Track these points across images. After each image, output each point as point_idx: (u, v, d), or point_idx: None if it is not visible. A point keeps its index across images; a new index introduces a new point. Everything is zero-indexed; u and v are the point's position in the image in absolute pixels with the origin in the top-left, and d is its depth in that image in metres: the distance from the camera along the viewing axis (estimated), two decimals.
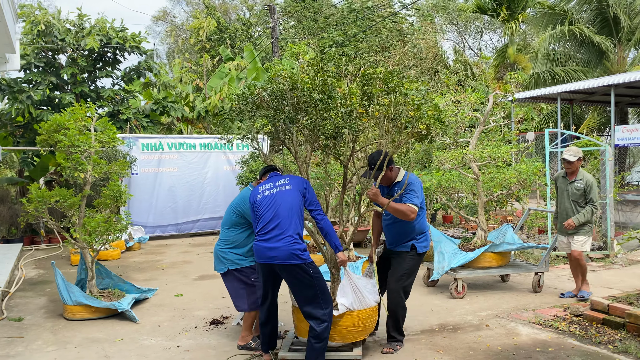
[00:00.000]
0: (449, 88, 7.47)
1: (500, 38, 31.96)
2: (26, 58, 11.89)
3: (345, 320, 4.23)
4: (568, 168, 6.13)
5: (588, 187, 6.03)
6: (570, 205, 6.14)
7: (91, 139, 5.86)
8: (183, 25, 30.53)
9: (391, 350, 4.56)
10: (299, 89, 4.10)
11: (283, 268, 4.05)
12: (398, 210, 4.37)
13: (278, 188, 4.23)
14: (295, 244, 4.02)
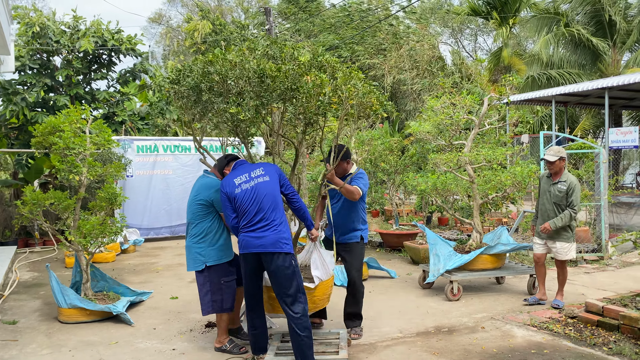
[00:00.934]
0: (444, 90, 7.49)
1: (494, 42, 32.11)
2: (21, 60, 11.85)
3: (318, 291, 4.57)
4: (550, 168, 5.89)
5: (570, 190, 5.75)
6: (551, 206, 5.88)
7: (86, 141, 5.84)
8: (178, 28, 30.49)
9: (358, 336, 5.03)
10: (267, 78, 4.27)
11: (269, 256, 4.11)
12: (349, 190, 4.90)
13: (256, 180, 4.28)
14: (281, 232, 4.15)
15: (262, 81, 4.27)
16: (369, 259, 7.45)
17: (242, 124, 4.72)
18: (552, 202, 5.87)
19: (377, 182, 10.03)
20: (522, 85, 18.43)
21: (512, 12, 20.62)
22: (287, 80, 4.22)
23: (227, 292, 4.67)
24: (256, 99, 4.32)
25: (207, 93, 4.49)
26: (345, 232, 5.17)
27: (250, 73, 4.27)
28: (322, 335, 4.70)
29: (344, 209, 5.15)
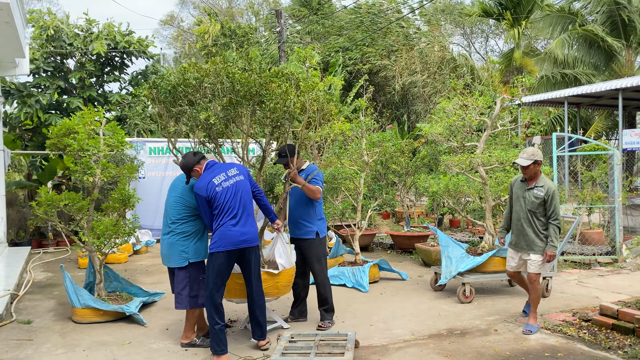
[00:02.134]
0: (455, 92, 7.46)
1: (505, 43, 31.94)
2: (35, 62, 11.99)
3: (281, 278, 5.03)
4: (524, 173, 5.28)
5: (549, 197, 5.11)
6: (525, 215, 5.23)
7: (100, 143, 5.90)
8: (189, 30, 30.67)
9: (324, 327, 5.28)
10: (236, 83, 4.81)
11: (252, 250, 4.60)
12: (311, 189, 5.24)
13: (234, 178, 4.63)
14: (256, 227, 4.69)
15: (233, 86, 4.80)
16: (380, 261, 7.44)
17: (213, 127, 5.12)
18: (526, 210, 5.23)
19: (387, 183, 10.00)
20: (536, 85, 18.30)
21: (525, 13, 20.50)
22: (254, 86, 4.76)
23: (203, 288, 4.82)
24: (227, 101, 4.84)
25: (182, 99, 4.98)
26: (301, 228, 5.41)
27: (223, 78, 4.80)
28: (329, 337, 4.70)
29: (300, 206, 5.41)
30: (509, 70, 21.28)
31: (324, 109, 5.20)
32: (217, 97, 4.90)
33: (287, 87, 4.86)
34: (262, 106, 4.93)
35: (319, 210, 5.49)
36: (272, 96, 4.81)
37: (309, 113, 5.04)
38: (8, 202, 10.69)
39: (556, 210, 5.11)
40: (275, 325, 5.28)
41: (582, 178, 10.30)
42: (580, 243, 9.17)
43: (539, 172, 5.29)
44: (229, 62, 5.04)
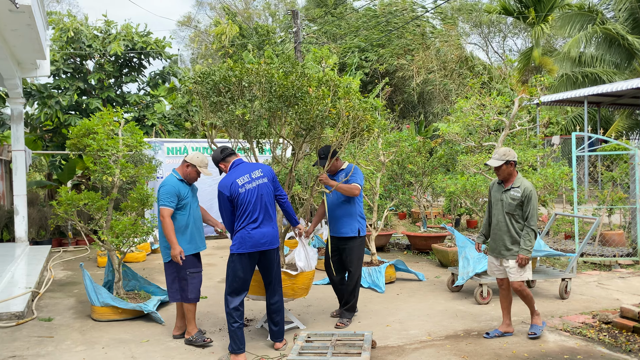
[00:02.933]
0: (473, 91, 7.41)
1: (524, 41, 31.61)
2: (55, 64, 12.17)
3: (298, 279, 5.07)
4: (497, 175, 5.02)
5: (525, 198, 4.84)
6: (504, 219, 4.94)
7: (119, 143, 5.97)
8: (206, 31, 30.88)
9: (343, 325, 5.33)
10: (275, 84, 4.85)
11: (272, 252, 4.63)
12: (344, 188, 5.31)
13: (257, 181, 4.62)
14: (277, 229, 4.73)
15: (272, 86, 4.82)
16: (397, 261, 7.42)
17: (247, 124, 5.15)
18: (504, 213, 4.96)
19: (404, 183, 9.96)
20: (555, 84, 18.09)
21: (545, 11, 20.25)
22: (292, 88, 4.78)
23: (191, 283, 4.93)
24: (265, 102, 4.87)
25: (224, 95, 5.01)
26: (343, 226, 5.47)
27: (263, 79, 4.83)
28: (346, 337, 4.70)
29: (340, 205, 5.48)
30: (528, 69, 21.06)
31: (360, 117, 5.18)
32: (255, 95, 4.95)
33: (323, 91, 4.89)
34: (296, 108, 4.94)
35: (360, 208, 5.53)
36: (308, 99, 4.84)
37: (342, 119, 5.07)
38: (29, 202, 10.88)
39: (532, 212, 4.83)
40: (291, 325, 5.29)
41: (602, 178, 10.15)
42: (601, 244, 9.03)
43: (514, 172, 4.98)
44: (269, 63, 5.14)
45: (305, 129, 5.14)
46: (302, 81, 4.91)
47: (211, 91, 5.10)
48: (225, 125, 5.26)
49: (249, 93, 5.02)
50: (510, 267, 4.93)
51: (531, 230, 4.83)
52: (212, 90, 5.09)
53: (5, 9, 6.37)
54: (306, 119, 4.97)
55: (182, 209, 4.97)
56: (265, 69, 4.91)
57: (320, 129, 5.20)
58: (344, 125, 5.17)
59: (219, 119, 5.21)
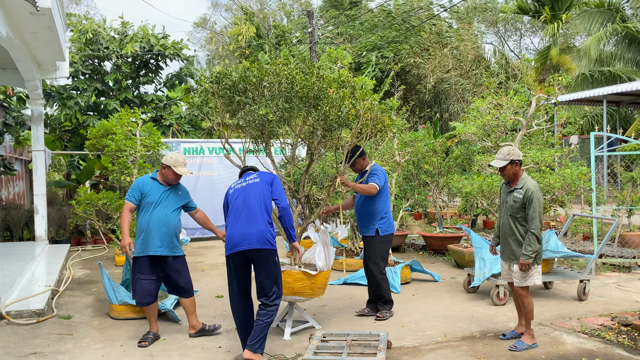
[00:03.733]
0: (489, 91, 7.36)
1: (541, 40, 31.27)
2: (74, 66, 12.35)
3: (317, 279, 5.06)
4: (502, 175, 4.87)
5: (527, 199, 4.63)
6: (509, 221, 4.79)
7: (137, 143, 6.04)
8: (222, 32, 31.06)
9: (382, 316, 5.55)
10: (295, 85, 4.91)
11: (255, 253, 4.32)
12: (362, 188, 5.48)
13: (248, 182, 4.58)
14: (265, 229, 4.35)
15: (292, 87, 4.86)
16: (412, 262, 7.39)
17: (268, 124, 5.20)
18: (508, 216, 4.80)
19: (419, 184, 9.93)
20: (573, 84, 17.87)
21: (563, 9, 20.01)
22: (313, 89, 4.84)
23: (137, 287, 4.97)
24: (285, 102, 4.91)
25: (242, 95, 5.06)
26: (363, 226, 5.72)
27: (283, 79, 4.86)
28: (362, 337, 4.70)
29: (361, 204, 5.70)
30: (545, 68, 20.83)
31: (377, 119, 5.28)
32: (275, 96, 4.98)
33: (344, 93, 4.95)
34: (317, 109, 4.98)
35: (381, 208, 5.66)
36: (328, 100, 4.90)
37: (362, 120, 5.13)
38: (48, 201, 11.04)
39: (534, 214, 4.59)
40: (307, 325, 5.31)
41: (621, 179, 10.01)
42: (620, 245, 8.91)
43: (520, 172, 4.78)
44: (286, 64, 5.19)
45: (327, 129, 5.16)
46: (323, 82, 4.95)
47: (229, 91, 5.13)
48: (247, 126, 5.26)
49: (269, 93, 5.03)
50: (515, 271, 4.77)
51: (532, 234, 4.60)
52: (230, 90, 5.13)
53: (26, 11, 6.47)
54: (329, 120, 5.00)
55: (143, 209, 4.96)
56: (285, 70, 4.96)
57: (340, 130, 5.25)
58: (364, 126, 5.23)
59: (239, 119, 5.22)
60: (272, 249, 4.37)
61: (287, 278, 4.93)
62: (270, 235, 4.39)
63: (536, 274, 4.73)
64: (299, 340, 4.98)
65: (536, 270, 4.72)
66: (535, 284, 4.74)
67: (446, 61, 19.83)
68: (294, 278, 4.97)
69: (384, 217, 5.67)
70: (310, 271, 5.02)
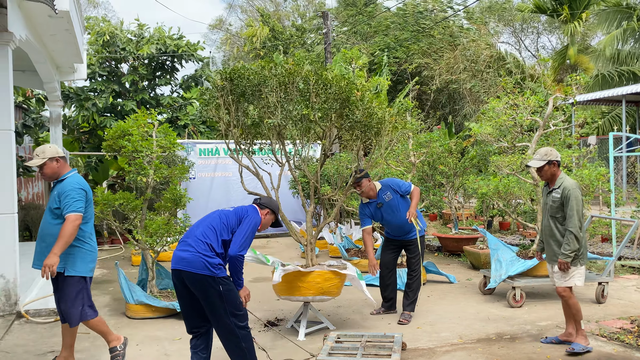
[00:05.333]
0: (506, 91, 7.29)
1: (558, 39, 30.91)
2: (91, 67, 12.51)
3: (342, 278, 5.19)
4: (540, 176, 4.85)
5: (565, 199, 4.56)
6: (547, 222, 4.77)
7: (153, 144, 6.09)
8: (238, 34, 31.22)
9: (406, 321, 5.53)
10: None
11: (191, 277, 3.74)
12: (416, 201, 5.62)
13: (232, 208, 4.16)
14: (207, 255, 3.75)
15: (326, 87, 4.83)
16: (428, 263, 7.35)
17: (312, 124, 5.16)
18: (549, 217, 4.77)
19: (435, 185, 9.87)
20: (591, 83, 17.64)
21: (581, 8, 19.76)
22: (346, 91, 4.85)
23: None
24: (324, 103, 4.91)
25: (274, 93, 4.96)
26: (408, 232, 5.76)
27: (313, 80, 4.82)
28: (376, 338, 4.68)
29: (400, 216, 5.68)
30: (563, 68, 20.58)
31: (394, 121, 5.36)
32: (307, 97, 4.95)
33: (371, 97, 5.02)
34: (353, 110, 5.00)
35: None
36: (358, 104, 4.96)
37: (386, 124, 5.17)
38: None
39: (572, 212, 4.51)
40: (321, 326, 5.30)
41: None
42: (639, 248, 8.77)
43: (558, 173, 4.72)
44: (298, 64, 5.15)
45: (362, 130, 5.19)
46: (352, 86, 4.98)
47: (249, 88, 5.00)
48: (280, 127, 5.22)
49: (298, 93, 4.98)
50: (555, 272, 4.74)
51: (570, 232, 4.53)
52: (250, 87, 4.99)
53: (45, 14, 6.57)
54: (363, 122, 5.02)
55: None
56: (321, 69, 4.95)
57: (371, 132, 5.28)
58: (392, 128, 5.30)
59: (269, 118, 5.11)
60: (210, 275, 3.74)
61: (318, 278, 5.02)
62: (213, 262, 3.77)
63: (577, 274, 4.64)
64: (313, 340, 4.98)
65: (578, 271, 4.64)
66: (575, 285, 4.65)
67: (457, 62, 19.69)
68: (324, 278, 5.05)
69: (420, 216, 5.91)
70: (340, 270, 5.11)
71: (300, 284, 5.00)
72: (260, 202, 4.32)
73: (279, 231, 12.63)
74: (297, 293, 5.06)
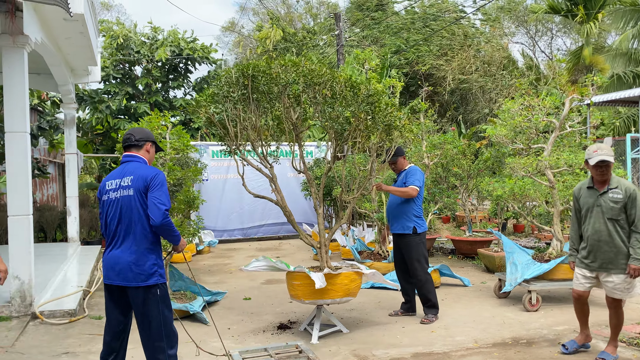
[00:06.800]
0: (521, 92, 7.20)
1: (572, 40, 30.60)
2: (105, 70, 12.60)
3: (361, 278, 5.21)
4: (602, 174, 4.34)
5: (630, 200, 4.23)
6: (605, 227, 4.30)
7: (166, 146, 6.10)
8: (250, 36, 31.31)
9: (428, 321, 5.52)
10: None
11: (128, 290, 3.53)
12: (402, 191, 5.61)
13: (121, 192, 3.55)
14: (140, 261, 3.49)
15: (353, 89, 4.91)
16: (441, 266, 7.28)
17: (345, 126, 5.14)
18: (605, 220, 4.31)
19: (448, 186, 9.79)
20: (607, 83, 17.42)
21: (597, 8, 19.53)
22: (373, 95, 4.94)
23: None
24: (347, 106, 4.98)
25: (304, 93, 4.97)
26: (398, 225, 5.74)
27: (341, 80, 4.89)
28: (282, 349, 4.64)
29: (397, 205, 5.75)
30: (577, 68, 20.35)
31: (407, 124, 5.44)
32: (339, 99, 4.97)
33: (387, 102, 5.06)
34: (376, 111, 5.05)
35: (417, 207, 5.73)
36: (380, 107, 5.02)
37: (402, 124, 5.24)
38: (80, 203, 11.27)
39: (638, 214, 4.21)
40: (334, 329, 5.27)
41: None
42: None
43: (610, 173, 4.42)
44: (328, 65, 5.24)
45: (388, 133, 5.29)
46: (377, 88, 5.03)
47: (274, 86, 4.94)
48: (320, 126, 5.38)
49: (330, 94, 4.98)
50: (616, 283, 4.29)
51: (638, 234, 4.19)
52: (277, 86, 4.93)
53: (60, 17, 6.62)
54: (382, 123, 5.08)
55: None
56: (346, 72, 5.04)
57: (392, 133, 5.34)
58: (406, 130, 5.35)
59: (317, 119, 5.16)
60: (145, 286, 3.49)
61: (345, 280, 5.04)
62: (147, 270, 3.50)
63: (638, 283, 4.31)
64: (326, 344, 4.94)
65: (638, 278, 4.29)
66: (638, 294, 4.33)
67: (469, 62, 19.55)
68: (351, 279, 5.09)
69: (419, 215, 5.74)
70: (363, 269, 5.15)
71: (329, 287, 4.97)
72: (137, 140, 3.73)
73: (290, 233, 12.64)
74: (326, 296, 5.01)
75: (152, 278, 3.52)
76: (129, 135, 3.74)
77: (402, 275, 5.91)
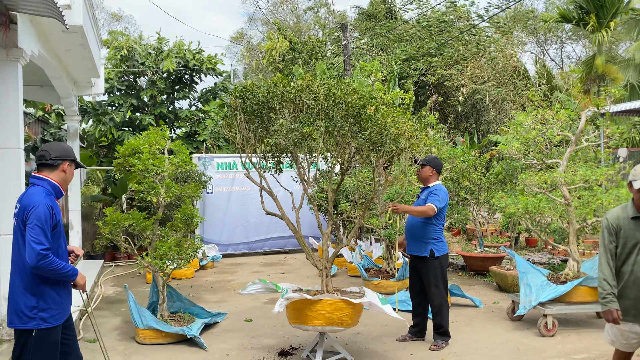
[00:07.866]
0: (533, 103, 6.93)
1: (583, 49, 30.26)
2: (110, 82, 12.47)
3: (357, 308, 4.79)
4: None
5: None
6: None
7: (164, 162, 5.89)
8: (258, 46, 31.28)
9: (437, 347, 5.26)
10: None
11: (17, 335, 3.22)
12: (418, 211, 5.29)
13: (14, 219, 3.24)
14: (20, 302, 3.17)
15: (335, 104, 4.58)
16: (452, 286, 6.97)
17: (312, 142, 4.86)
18: None
19: (458, 201, 9.49)
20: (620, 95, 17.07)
21: (609, 16, 19.20)
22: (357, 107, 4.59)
23: None
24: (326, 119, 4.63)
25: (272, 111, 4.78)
26: (416, 246, 5.47)
27: (321, 95, 4.58)
28: None
29: (415, 224, 5.46)
30: (590, 78, 19.99)
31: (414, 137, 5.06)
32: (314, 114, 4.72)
33: (385, 112, 4.74)
34: (361, 128, 4.73)
35: (435, 230, 5.39)
36: (371, 120, 4.65)
37: (405, 138, 4.89)
38: (83, 216, 11.08)
39: None
40: (338, 356, 4.98)
41: None
42: None
43: None
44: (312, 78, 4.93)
45: (372, 149, 4.92)
46: (364, 99, 4.70)
47: (259, 107, 4.83)
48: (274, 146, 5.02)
49: (306, 110, 4.73)
50: None
51: None
52: (260, 106, 4.82)
53: (59, 30, 6.45)
54: (375, 139, 4.73)
55: None
56: (323, 86, 4.70)
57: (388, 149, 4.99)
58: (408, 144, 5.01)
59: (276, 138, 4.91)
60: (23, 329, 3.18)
61: (327, 307, 4.63)
62: (21, 309, 3.18)
63: None
64: None
65: None
66: None
67: (481, 71, 19.26)
68: (334, 307, 4.65)
69: (438, 238, 5.41)
70: (352, 299, 4.70)
71: (308, 313, 4.67)
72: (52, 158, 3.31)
73: (296, 247, 12.36)
74: (306, 322, 4.74)
75: (30, 322, 3.16)
76: (44, 152, 3.30)
77: (415, 296, 5.62)
